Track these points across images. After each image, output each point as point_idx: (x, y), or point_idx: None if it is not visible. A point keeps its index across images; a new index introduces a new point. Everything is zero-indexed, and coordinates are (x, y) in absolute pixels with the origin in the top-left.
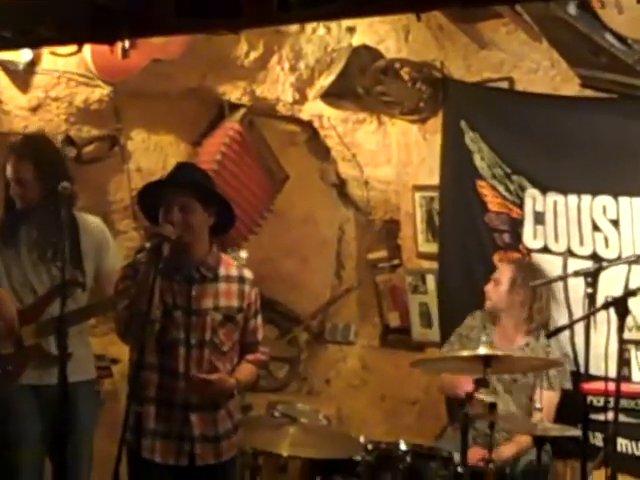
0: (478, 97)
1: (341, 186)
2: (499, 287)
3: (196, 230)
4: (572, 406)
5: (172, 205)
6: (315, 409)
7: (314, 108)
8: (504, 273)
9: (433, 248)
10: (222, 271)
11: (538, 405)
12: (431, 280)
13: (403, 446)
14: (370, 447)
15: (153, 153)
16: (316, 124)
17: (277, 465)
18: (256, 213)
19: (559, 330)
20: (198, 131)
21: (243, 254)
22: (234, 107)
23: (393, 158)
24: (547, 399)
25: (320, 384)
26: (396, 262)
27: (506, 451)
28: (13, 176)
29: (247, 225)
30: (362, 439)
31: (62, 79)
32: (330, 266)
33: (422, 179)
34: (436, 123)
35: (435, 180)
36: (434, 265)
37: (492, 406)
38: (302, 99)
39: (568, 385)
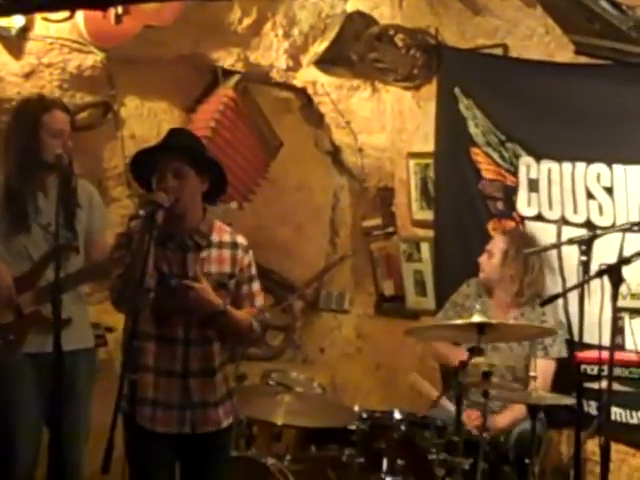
0: (472, 64)
1: (335, 153)
2: (492, 259)
3: (190, 196)
4: (566, 375)
5: (165, 171)
6: (310, 378)
7: (308, 75)
8: (497, 245)
9: (428, 216)
10: (215, 237)
11: (533, 373)
12: (426, 248)
13: (397, 415)
14: (364, 416)
15: (147, 120)
16: (310, 91)
17: (272, 434)
18: (250, 180)
19: (553, 298)
20: (192, 98)
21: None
22: (228, 74)
23: (387, 125)
24: (543, 368)
25: (315, 352)
26: (391, 230)
27: (501, 420)
28: (59, 127)
29: (241, 192)
30: (356, 408)
31: (55, 45)
32: (324, 234)
33: (416, 146)
34: (430, 90)
35: (430, 147)
36: (429, 233)
37: (486, 375)
38: (296, 66)
39: (564, 353)
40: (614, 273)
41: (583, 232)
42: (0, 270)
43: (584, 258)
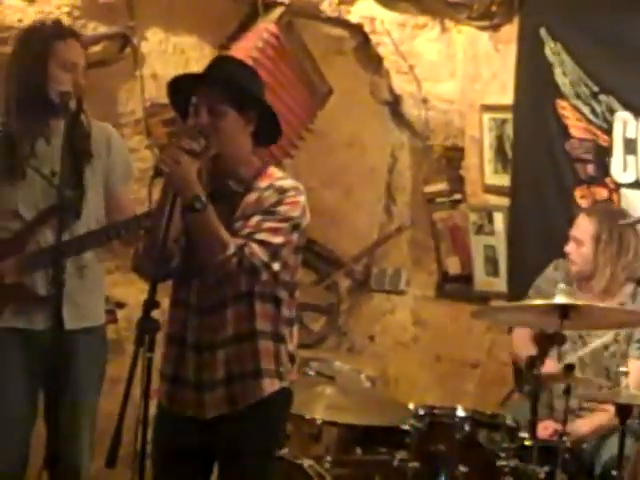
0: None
1: (394, 104)
2: (581, 248)
3: (226, 138)
4: None
5: (200, 106)
6: (356, 369)
7: (365, 9)
8: (584, 229)
9: (503, 181)
10: (261, 183)
11: (624, 369)
12: (499, 219)
13: (461, 412)
14: (421, 412)
15: (171, 57)
16: (367, 28)
17: (310, 432)
18: (293, 133)
19: None
20: (226, 32)
21: None
22: (269, 5)
23: (458, 72)
24: (637, 369)
25: (363, 340)
26: (458, 197)
27: (583, 426)
28: (73, 59)
29: (281, 146)
30: (411, 406)
31: None
32: (378, 200)
33: (492, 98)
34: (511, 31)
35: (508, 99)
36: (503, 201)
37: (569, 367)
38: None
39: None
40: None
41: None
42: None
43: None
